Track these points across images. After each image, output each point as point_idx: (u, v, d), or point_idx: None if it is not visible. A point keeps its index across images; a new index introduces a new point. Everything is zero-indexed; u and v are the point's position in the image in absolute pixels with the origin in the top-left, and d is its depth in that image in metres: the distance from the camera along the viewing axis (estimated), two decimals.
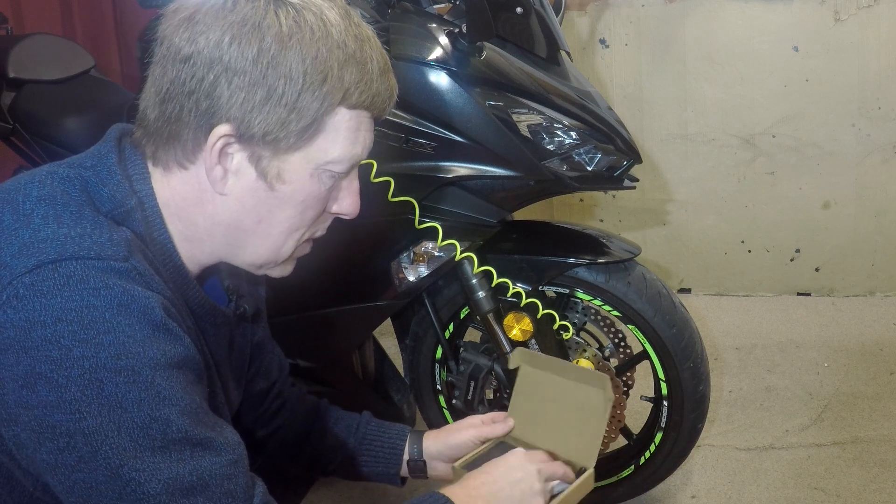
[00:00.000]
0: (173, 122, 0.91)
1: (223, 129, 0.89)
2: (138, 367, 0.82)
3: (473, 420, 1.29)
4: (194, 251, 0.97)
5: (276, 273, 1.03)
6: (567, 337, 1.76)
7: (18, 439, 0.84)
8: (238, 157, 0.92)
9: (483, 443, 1.27)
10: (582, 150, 1.63)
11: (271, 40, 0.88)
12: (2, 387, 0.82)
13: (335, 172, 0.95)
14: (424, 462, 1.27)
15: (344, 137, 0.93)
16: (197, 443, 0.86)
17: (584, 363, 1.73)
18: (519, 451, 1.16)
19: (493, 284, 1.70)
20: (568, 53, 1.73)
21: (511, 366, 1.39)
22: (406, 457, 1.28)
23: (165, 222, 0.95)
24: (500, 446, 1.27)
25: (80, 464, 0.82)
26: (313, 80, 0.89)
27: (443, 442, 1.27)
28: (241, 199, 0.94)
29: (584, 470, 1.20)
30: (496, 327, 1.72)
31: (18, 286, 0.81)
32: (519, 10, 1.58)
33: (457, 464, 1.26)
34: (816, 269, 3.08)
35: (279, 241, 0.98)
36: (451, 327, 1.84)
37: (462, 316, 1.83)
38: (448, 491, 1.06)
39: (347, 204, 0.99)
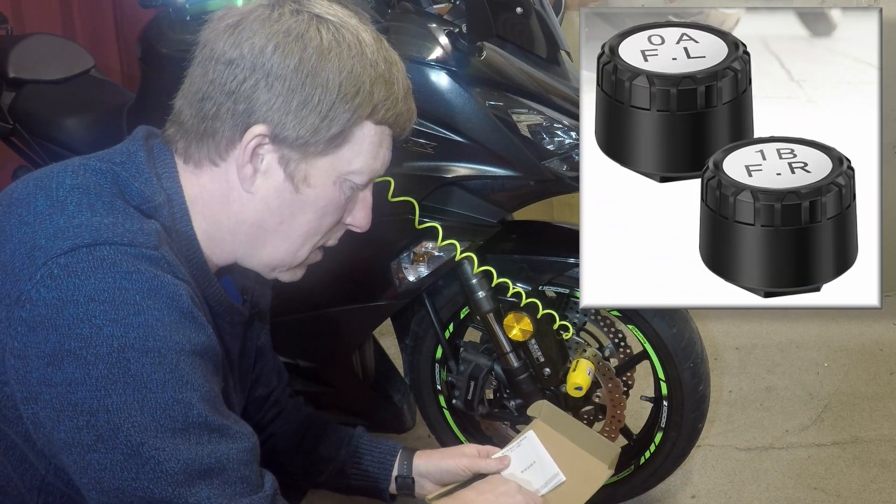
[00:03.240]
0: (210, 120, 0.95)
1: (259, 128, 0.94)
2: (164, 350, 0.85)
3: (468, 449, 1.29)
4: (215, 249, 1.00)
5: (287, 277, 1.06)
6: (567, 337, 1.76)
7: (37, 418, 0.86)
8: (268, 158, 0.96)
9: (474, 475, 1.27)
10: None
11: (312, 51, 0.93)
12: (26, 364, 0.84)
13: (355, 183, 1.00)
14: (413, 480, 1.28)
15: (367, 151, 0.98)
16: (215, 428, 0.88)
17: (584, 363, 1.73)
18: (514, 484, 1.20)
19: (493, 284, 1.70)
20: (568, 53, 1.73)
21: (530, 413, 1.40)
22: (395, 473, 1.28)
23: (191, 220, 0.98)
24: (478, 479, 1.27)
25: (98, 443, 0.84)
26: (347, 92, 0.94)
27: (434, 464, 1.27)
28: (267, 199, 0.98)
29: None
30: (496, 327, 1.72)
31: (53, 266, 0.84)
32: (519, 10, 1.58)
33: (430, 496, 1.25)
34: None
35: (296, 245, 1.01)
36: (451, 327, 1.84)
37: (462, 316, 1.83)
38: None
39: (360, 217, 1.05)
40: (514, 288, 1.70)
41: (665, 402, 1.80)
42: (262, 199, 0.98)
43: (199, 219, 0.99)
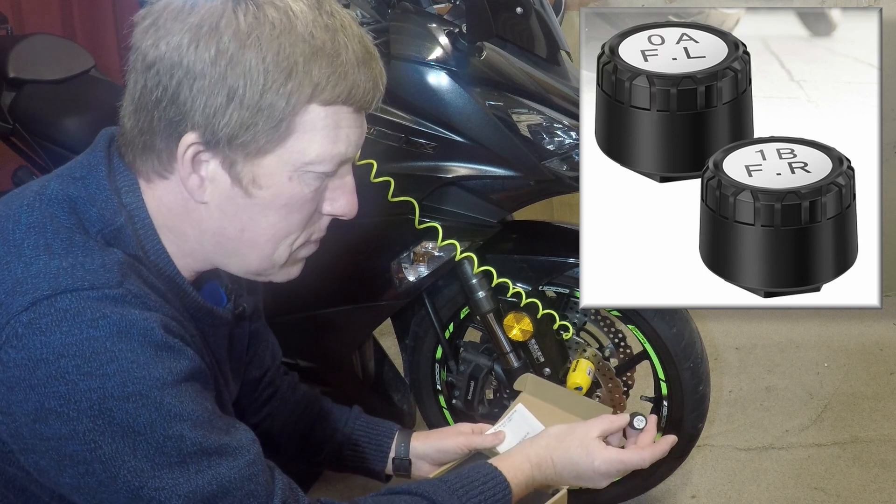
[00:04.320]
0: (146, 133, 0.89)
1: (190, 137, 0.86)
2: (145, 391, 0.82)
3: (463, 427, 1.29)
4: (187, 259, 0.96)
5: (281, 278, 0.99)
6: (567, 337, 1.76)
7: (38, 466, 0.85)
8: (212, 164, 0.88)
9: (470, 451, 1.27)
10: None
11: (229, 39, 0.84)
12: (14, 420, 0.83)
13: (319, 173, 0.90)
14: (409, 461, 1.28)
15: (322, 136, 0.88)
16: (213, 451, 0.86)
17: (584, 363, 1.73)
18: (577, 448, 1.13)
19: (493, 284, 1.70)
20: (568, 53, 1.74)
21: (516, 388, 1.40)
22: (392, 455, 1.28)
23: (157, 234, 0.93)
24: (476, 457, 1.26)
25: (102, 487, 0.83)
26: (276, 77, 0.84)
27: (431, 445, 1.27)
28: (221, 207, 0.91)
29: (558, 491, 1.20)
30: (496, 327, 1.72)
31: (17, 325, 0.81)
32: (519, 10, 1.58)
33: (430, 476, 1.25)
34: None
35: (267, 249, 0.94)
36: (451, 327, 1.84)
37: (462, 316, 1.83)
38: (500, 463, 1.09)
39: (342, 204, 0.95)
40: (514, 288, 1.70)
41: (665, 402, 1.80)
42: (217, 208, 0.90)
43: (165, 231, 0.93)
